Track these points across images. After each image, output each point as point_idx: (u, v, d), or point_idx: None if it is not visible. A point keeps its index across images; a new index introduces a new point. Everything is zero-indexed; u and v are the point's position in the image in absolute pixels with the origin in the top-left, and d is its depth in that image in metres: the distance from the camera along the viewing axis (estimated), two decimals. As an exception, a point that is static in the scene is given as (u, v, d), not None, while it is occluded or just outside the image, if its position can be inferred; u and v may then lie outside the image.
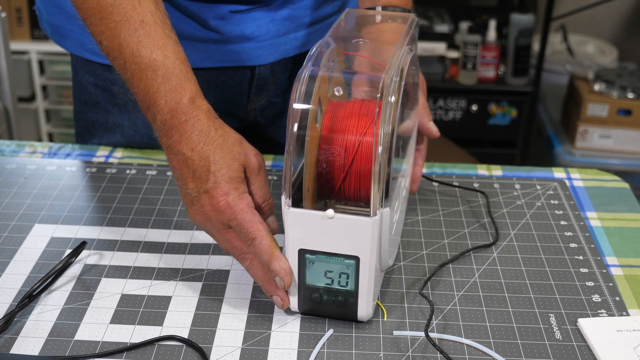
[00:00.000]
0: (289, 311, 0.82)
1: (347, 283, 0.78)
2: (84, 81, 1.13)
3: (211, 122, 0.81)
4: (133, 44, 0.82)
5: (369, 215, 0.75)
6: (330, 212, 0.75)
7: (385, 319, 0.82)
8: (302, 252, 0.78)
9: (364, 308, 0.79)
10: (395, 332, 0.80)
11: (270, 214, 0.84)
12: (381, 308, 0.83)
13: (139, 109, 0.96)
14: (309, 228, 0.76)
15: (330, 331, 0.80)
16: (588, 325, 0.80)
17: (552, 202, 1.03)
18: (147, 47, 0.82)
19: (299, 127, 0.74)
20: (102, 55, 0.86)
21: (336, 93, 0.79)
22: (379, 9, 1.01)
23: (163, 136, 0.82)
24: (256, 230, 0.77)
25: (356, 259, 0.77)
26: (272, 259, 0.77)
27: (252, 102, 1.16)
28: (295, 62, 1.15)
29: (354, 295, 0.79)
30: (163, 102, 0.81)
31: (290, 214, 0.76)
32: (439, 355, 0.77)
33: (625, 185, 1.09)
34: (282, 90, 1.17)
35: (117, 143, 1.14)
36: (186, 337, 0.79)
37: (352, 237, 0.76)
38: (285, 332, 0.80)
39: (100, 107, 1.13)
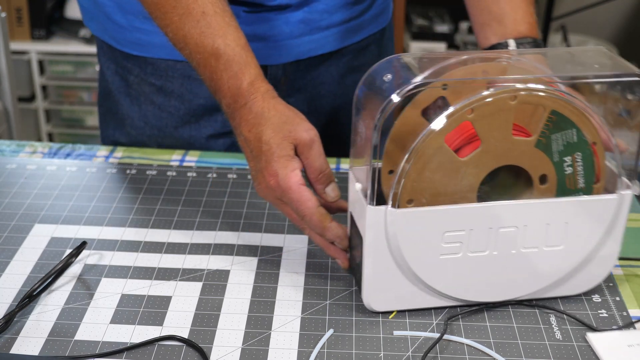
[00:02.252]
0: (289, 311, 0.83)
1: (361, 262, 0.80)
2: (105, 67, 1.15)
3: (266, 102, 0.85)
4: (196, 35, 0.87)
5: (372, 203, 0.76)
6: (357, 185, 0.79)
7: (391, 317, 0.82)
8: (351, 215, 0.82)
9: (367, 294, 0.81)
10: (395, 332, 0.80)
11: (328, 183, 0.85)
12: None
13: (151, 101, 0.96)
14: (352, 194, 0.82)
15: (331, 331, 0.80)
16: (598, 341, 0.78)
17: (552, 202, 1.03)
18: (209, 37, 0.86)
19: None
20: (122, 42, 0.87)
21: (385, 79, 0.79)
22: (511, 41, 0.99)
23: (230, 119, 0.88)
24: (304, 208, 0.81)
25: (362, 239, 0.78)
26: (325, 231, 0.82)
27: None
28: (308, 63, 1.14)
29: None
30: (226, 88, 0.86)
31: (349, 174, 0.82)
32: (439, 355, 0.77)
33: (625, 185, 1.08)
34: (294, 90, 1.16)
35: (128, 134, 1.15)
36: (186, 337, 0.79)
37: (361, 217, 0.78)
38: (285, 332, 0.80)
39: (113, 96, 1.14)
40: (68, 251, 0.91)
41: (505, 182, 0.80)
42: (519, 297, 0.83)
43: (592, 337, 0.79)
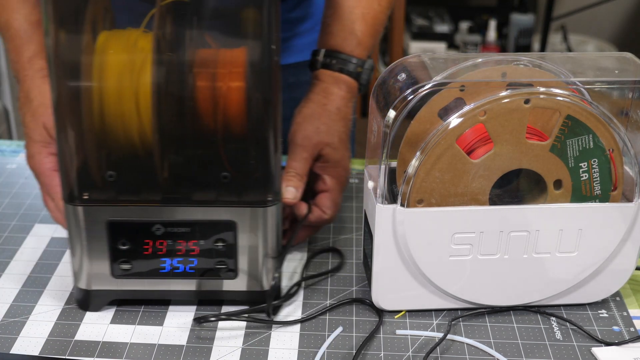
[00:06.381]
0: (289, 311, 0.82)
1: (371, 260, 0.81)
2: None
3: (34, 82, 0.88)
4: None
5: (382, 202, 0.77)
6: (370, 183, 0.79)
7: (397, 317, 0.82)
8: (365, 213, 0.83)
9: (375, 292, 0.81)
10: (396, 332, 0.80)
11: None
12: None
13: None
14: (366, 192, 0.82)
15: (340, 329, 0.80)
16: (604, 356, 0.77)
17: (552, 202, 1.03)
18: (3, 13, 0.92)
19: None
20: None
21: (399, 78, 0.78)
22: (322, 51, 0.95)
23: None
24: (54, 192, 0.86)
25: (372, 237, 0.79)
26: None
27: None
28: None
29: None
30: (10, 61, 0.91)
31: (365, 172, 0.82)
32: (439, 355, 0.77)
33: (626, 185, 1.08)
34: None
35: None
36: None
37: (371, 215, 0.79)
38: (286, 332, 0.80)
39: None
40: (68, 251, 0.91)
41: (519, 186, 0.80)
42: (529, 302, 0.83)
43: (597, 351, 0.78)
